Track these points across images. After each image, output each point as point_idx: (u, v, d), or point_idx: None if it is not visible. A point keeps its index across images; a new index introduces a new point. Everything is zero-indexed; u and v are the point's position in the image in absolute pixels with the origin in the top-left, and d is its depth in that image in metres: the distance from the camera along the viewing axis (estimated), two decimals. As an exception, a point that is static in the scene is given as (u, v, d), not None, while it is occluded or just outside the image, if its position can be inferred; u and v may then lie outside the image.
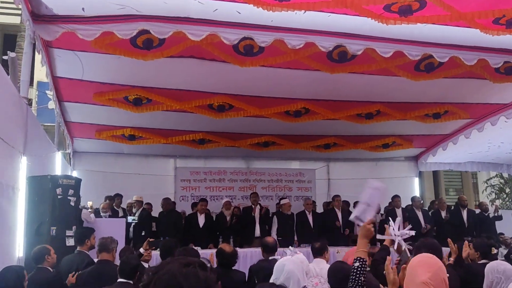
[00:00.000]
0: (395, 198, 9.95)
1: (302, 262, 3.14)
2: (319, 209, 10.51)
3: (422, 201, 10.34)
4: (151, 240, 5.41)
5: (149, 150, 10.16)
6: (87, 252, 5.07)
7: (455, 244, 4.77)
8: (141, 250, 5.23)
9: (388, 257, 2.75)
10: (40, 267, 4.45)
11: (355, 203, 9.63)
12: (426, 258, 2.43)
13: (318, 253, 4.58)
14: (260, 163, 11.52)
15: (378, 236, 3.75)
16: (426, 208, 10.59)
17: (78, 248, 5.19)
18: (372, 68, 6.35)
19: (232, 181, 11.29)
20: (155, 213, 9.35)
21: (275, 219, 9.17)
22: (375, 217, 3.02)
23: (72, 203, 5.85)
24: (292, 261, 3.09)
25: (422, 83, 6.81)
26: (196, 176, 11.07)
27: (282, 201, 9.41)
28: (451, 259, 4.69)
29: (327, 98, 7.79)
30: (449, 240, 4.76)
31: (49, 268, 4.50)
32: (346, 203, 9.69)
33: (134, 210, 9.15)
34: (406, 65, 6.27)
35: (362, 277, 2.74)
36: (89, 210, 7.50)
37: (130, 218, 7.91)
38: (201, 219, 8.90)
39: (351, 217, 3.08)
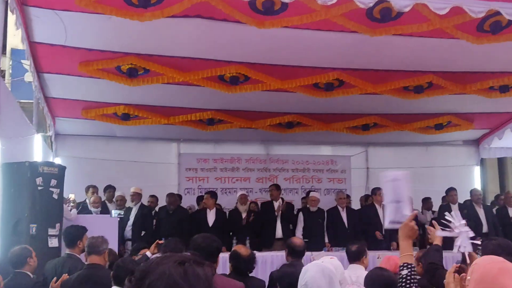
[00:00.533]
0: (451, 191, 9.88)
1: (336, 268, 3.13)
2: (355, 205, 10.47)
3: (482, 195, 10.24)
4: (160, 242, 5.46)
5: (147, 132, 10.23)
6: (78, 256, 5.15)
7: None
8: (148, 253, 5.30)
9: (454, 264, 2.71)
10: (18, 272, 4.51)
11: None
12: (506, 264, 2.33)
13: (354, 257, 4.59)
14: (283, 148, 11.55)
15: (439, 233, 3.72)
16: (489, 204, 10.47)
17: (67, 251, 5.26)
18: (423, 29, 6.23)
19: (248, 170, 11.37)
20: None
21: (300, 216, 9.20)
22: (414, 211, 2.99)
23: (55, 196, 5.95)
24: (316, 266, 3.08)
25: (486, 48, 6.68)
26: (204, 164, 11.17)
27: (312, 195, 9.42)
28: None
29: (366, 67, 7.71)
30: None
31: (29, 273, 4.58)
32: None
33: (132, 204, 9.23)
34: (466, 24, 6.15)
35: (413, 286, 2.73)
36: (71, 204, 7.56)
37: (114, 213, 7.88)
38: (211, 216, 8.98)
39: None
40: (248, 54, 7.27)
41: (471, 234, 3.55)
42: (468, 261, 3.31)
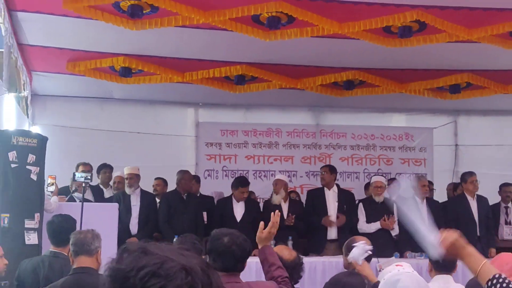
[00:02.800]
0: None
1: (418, 282, 3.19)
2: (440, 195, 10.41)
3: None
4: None
5: (154, 93, 10.37)
6: (67, 255, 5.23)
7: None
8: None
9: None
10: None
11: (503, 187, 9.55)
12: None
13: (443, 267, 4.57)
14: (339, 117, 11.62)
15: None
16: None
17: (52, 248, 5.35)
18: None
19: (292, 146, 11.44)
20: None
21: (361, 208, 9.23)
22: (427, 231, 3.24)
23: (34, 176, 6.06)
24: (410, 277, 3.15)
25: None
26: (230, 137, 11.29)
27: (373, 179, 9.36)
28: None
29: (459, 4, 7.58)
30: None
31: None
32: None
33: (128, 190, 9.32)
34: None
35: None
36: (50, 190, 7.64)
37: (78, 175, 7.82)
38: (239, 209, 9.11)
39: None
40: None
41: None
42: None
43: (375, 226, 8.93)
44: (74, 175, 7.81)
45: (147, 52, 8.90)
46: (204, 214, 9.55)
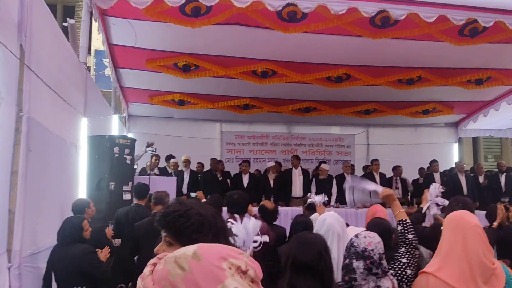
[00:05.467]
0: (433, 162, 9.74)
1: (337, 219, 3.15)
2: (358, 173, 10.40)
3: (464, 165, 10.03)
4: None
5: (197, 114, 10.29)
6: (144, 205, 5.25)
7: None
8: (193, 194, 5.34)
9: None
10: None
11: (394, 168, 9.52)
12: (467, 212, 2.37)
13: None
14: (301, 128, 11.47)
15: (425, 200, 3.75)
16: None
17: (135, 202, 5.36)
18: (415, 33, 6.07)
19: (274, 145, 11.34)
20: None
21: (313, 181, 9.18)
22: (379, 186, 3.18)
23: (128, 161, 6.06)
24: (332, 216, 3.11)
25: (465, 49, 6.47)
26: (240, 139, 11.19)
27: (322, 166, 9.34)
28: (495, 223, 4.57)
29: (368, 64, 7.57)
30: (499, 205, 4.63)
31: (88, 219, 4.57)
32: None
33: (184, 169, 9.33)
34: (449, 30, 5.96)
35: (409, 235, 2.73)
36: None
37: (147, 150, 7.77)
38: (245, 179, 9.08)
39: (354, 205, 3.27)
40: (276, 54, 7.21)
41: (446, 202, 3.58)
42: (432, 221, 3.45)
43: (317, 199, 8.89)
44: (145, 150, 7.75)
45: (193, 91, 8.85)
46: (228, 181, 9.56)
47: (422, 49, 6.82)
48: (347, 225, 3.82)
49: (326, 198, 4.85)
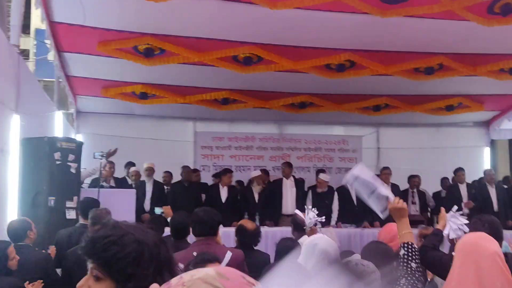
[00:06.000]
0: (458, 171, 9.81)
1: (331, 244, 3.12)
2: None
3: (495, 175, 10.11)
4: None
5: (164, 111, 10.24)
6: None
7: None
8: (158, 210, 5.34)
9: None
10: (21, 245, 4.32)
11: (410, 178, 9.55)
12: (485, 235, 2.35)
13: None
14: (295, 128, 11.46)
15: (442, 220, 3.74)
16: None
17: (81, 221, 5.31)
18: (434, 10, 6.10)
19: (262, 149, 11.32)
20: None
21: (310, 194, 9.19)
22: (391, 193, 3.08)
23: (73, 170, 5.98)
24: (325, 240, 3.08)
25: (496, 30, 6.52)
26: (219, 142, 11.15)
27: (321, 176, 9.29)
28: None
29: (377, 48, 7.59)
30: None
31: (31, 245, 4.50)
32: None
33: (147, 179, 9.27)
34: (477, 6, 6.01)
35: (412, 263, 2.72)
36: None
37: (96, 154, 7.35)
38: (224, 193, 9.03)
39: (383, 217, 3.15)
40: (261, 35, 7.20)
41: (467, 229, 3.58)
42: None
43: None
44: (94, 154, 7.43)
45: (158, 81, 8.81)
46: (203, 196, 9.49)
47: (444, 30, 6.86)
48: (351, 252, 3.80)
49: (322, 218, 4.83)
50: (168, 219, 5.19)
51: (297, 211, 4.99)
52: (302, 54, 7.66)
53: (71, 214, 5.81)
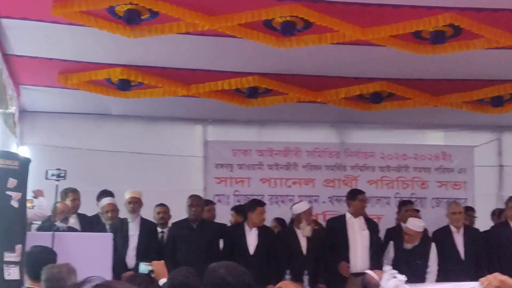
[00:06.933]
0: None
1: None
2: (483, 223, 10.32)
3: None
4: None
5: (157, 109, 10.43)
6: None
7: None
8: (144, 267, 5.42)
9: None
10: None
11: None
12: None
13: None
14: (365, 134, 11.62)
15: None
16: None
17: (28, 284, 5.32)
18: None
19: (313, 168, 11.41)
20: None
21: (391, 247, 9.16)
22: None
23: (15, 203, 6.06)
24: None
25: None
26: (243, 158, 11.29)
27: (409, 225, 9.03)
28: None
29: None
30: None
31: None
32: None
33: (130, 216, 9.28)
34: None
35: None
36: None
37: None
38: (252, 238, 9.06)
39: None
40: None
41: None
42: None
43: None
44: (46, 173, 7.65)
45: (148, 62, 8.92)
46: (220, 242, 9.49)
47: None
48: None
49: (404, 278, 4.82)
50: (161, 282, 5.22)
51: (369, 272, 4.97)
52: (377, 16, 7.60)
53: (12, 273, 5.88)
